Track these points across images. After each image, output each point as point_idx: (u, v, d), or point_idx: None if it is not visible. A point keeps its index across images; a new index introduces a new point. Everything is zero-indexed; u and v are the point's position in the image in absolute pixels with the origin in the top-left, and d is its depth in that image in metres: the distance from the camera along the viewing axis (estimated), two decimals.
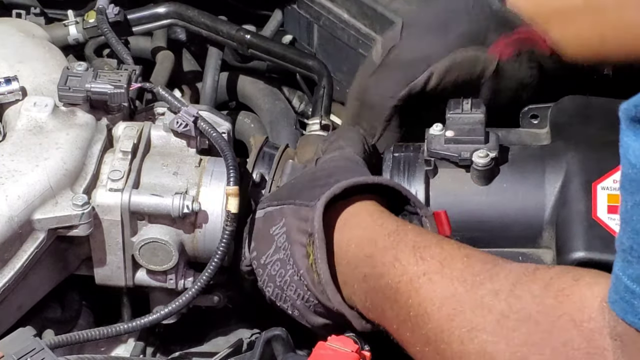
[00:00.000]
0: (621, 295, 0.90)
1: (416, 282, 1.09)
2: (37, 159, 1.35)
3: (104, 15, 1.61)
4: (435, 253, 1.11)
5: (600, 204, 1.23)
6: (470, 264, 1.07)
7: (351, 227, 1.20)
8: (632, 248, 0.88)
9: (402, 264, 1.12)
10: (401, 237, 1.15)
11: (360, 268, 1.17)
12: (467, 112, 1.34)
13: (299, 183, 1.31)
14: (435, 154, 1.33)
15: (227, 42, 1.71)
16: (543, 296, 0.98)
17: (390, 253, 1.14)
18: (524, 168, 1.32)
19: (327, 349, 1.18)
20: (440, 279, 1.07)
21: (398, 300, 1.11)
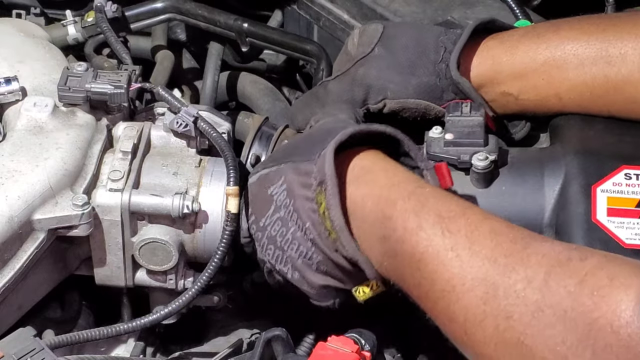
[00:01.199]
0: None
1: (443, 256, 1.08)
2: (37, 159, 1.35)
3: (102, 13, 1.60)
4: (461, 225, 1.09)
5: (599, 206, 1.23)
6: (499, 242, 1.06)
7: (366, 182, 1.18)
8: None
9: (427, 233, 1.10)
10: (422, 201, 1.13)
11: (378, 228, 1.16)
12: (466, 115, 1.35)
13: (294, 143, 1.30)
14: (435, 157, 1.33)
15: (225, 33, 1.71)
16: (578, 293, 0.98)
17: (413, 219, 1.12)
18: (524, 171, 1.31)
19: (327, 349, 1.18)
20: (469, 257, 1.06)
21: (422, 270, 1.10)
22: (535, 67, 1.35)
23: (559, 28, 1.36)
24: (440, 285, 1.08)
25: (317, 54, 1.65)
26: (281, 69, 1.92)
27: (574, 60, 1.33)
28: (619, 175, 1.25)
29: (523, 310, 1.00)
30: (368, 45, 1.42)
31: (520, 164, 1.33)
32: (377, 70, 1.41)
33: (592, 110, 1.34)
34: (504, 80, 1.37)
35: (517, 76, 1.37)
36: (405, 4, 1.71)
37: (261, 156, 1.42)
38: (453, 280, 1.06)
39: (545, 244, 1.05)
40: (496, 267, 1.04)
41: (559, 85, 1.34)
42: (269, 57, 1.92)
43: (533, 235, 1.08)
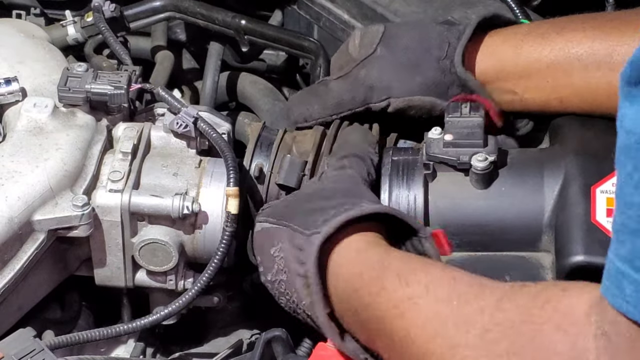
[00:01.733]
0: (612, 280, 0.88)
1: (401, 306, 1.08)
2: (37, 159, 1.35)
3: (100, 13, 1.60)
4: (420, 277, 1.09)
5: (599, 207, 1.23)
6: (456, 287, 1.05)
7: (339, 265, 1.19)
8: (624, 224, 0.87)
9: (387, 291, 1.10)
10: (386, 266, 1.14)
11: (350, 302, 1.16)
12: (466, 116, 1.34)
13: (296, 202, 1.29)
14: (434, 158, 1.33)
15: (224, 31, 1.71)
16: (529, 306, 0.97)
17: (376, 283, 1.12)
18: (523, 171, 1.31)
19: (327, 349, 1.19)
20: (425, 302, 1.06)
21: (384, 327, 1.09)
22: (540, 68, 1.35)
23: (562, 29, 1.36)
24: (399, 334, 1.07)
25: (315, 51, 1.64)
26: (281, 69, 1.92)
27: (578, 65, 1.33)
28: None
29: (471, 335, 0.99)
30: (370, 46, 1.42)
31: (519, 164, 1.33)
32: (379, 70, 1.41)
33: (594, 113, 1.34)
34: (508, 78, 1.38)
35: (522, 76, 1.37)
36: (406, 4, 1.70)
37: (263, 167, 1.42)
38: (409, 327, 1.06)
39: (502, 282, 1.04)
40: (450, 305, 1.03)
41: (562, 89, 1.35)
42: (269, 57, 1.92)
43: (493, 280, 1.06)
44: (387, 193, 1.35)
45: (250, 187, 1.40)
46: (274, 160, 1.41)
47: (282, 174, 1.39)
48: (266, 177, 1.41)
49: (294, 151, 1.42)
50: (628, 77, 0.85)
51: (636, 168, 0.84)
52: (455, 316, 1.01)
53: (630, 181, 0.85)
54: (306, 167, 1.39)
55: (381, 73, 1.41)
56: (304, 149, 1.42)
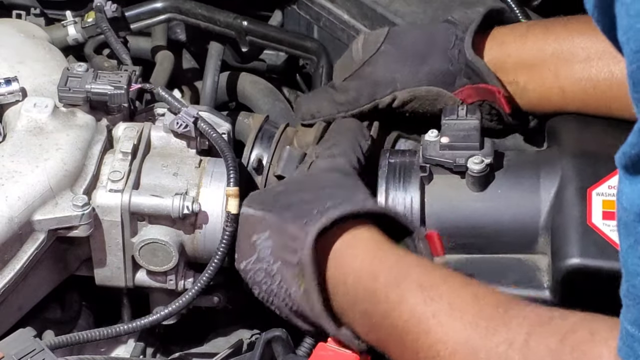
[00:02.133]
0: (624, 341, 0.90)
1: (425, 323, 1.07)
2: (37, 159, 1.35)
3: (102, 13, 1.60)
4: (443, 292, 1.09)
5: (595, 210, 1.23)
6: (481, 307, 1.05)
7: (347, 259, 1.18)
8: (629, 291, 0.88)
9: (408, 304, 1.09)
10: (404, 272, 1.13)
11: (360, 303, 1.15)
12: (462, 118, 1.34)
13: (286, 191, 1.28)
14: (431, 160, 1.33)
15: (225, 32, 1.71)
16: (560, 351, 0.97)
17: (394, 291, 1.12)
18: (519, 174, 1.31)
19: (327, 350, 1.19)
20: (452, 322, 1.05)
21: (405, 341, 1.09)
22: (544, 57, 1.35)
23: (568, 22, 1.37)
24: (424, 352, 1.07)
25: (317, 51, 1.65)
26: (281, 69, 1.92)
27: (581, 54, 1.33)
28: (614, 178, 1.25)
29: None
30: (374, 45, 1.43)
31: (516, 167, 1.33)
32: (384, 65, 1.41)
33: (594, 107, 1.34)
34: (512, 68, 1.38)
35: (525, 65, 1.37)
36: (406, 4, 1.71)
37: (262, 158, 1.42)
38: (436, 347, 1.06)
39: (527, 307, 1.05)
40: (478, 330, 1.03)
41: (564, 78, 1.35)
42: (269, 57, 1.92)
43: (515, 300, 1.07)
44: (383, 195, 1.35)
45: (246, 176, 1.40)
46: (274, 152, 1.41)
47: (280, 165, 1.39)
48: (265, 168, 1.41)
49: (295, 144, 1.42)
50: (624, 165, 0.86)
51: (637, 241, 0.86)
52: (487, 348, 1.01)
53: (634, 252, 0.87)
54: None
55: (386, 67, 1.41)
56: (305, 142, 1.42)
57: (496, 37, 1.40)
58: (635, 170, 0.85)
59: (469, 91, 1.39)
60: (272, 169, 1.41)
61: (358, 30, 1.73)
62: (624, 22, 0.83)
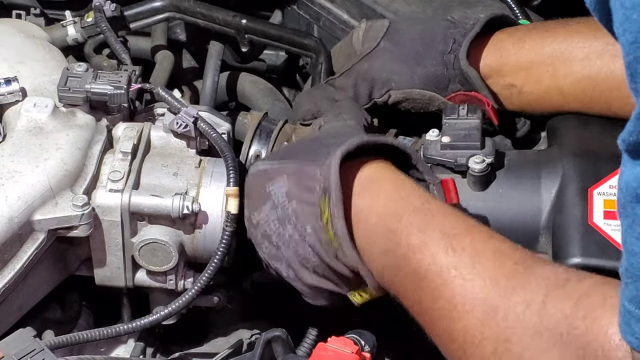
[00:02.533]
0: (622, 317, 0.91)
1: (446, 274, 1.07)
2: (37, 159, 1.35)
3: (101, 12, 1.60)
4: (466, 244, 1.08)
5: (596, 209, 1.23)
6: (502, 263, 1.05)
7: (371, 193, 1.17)
8: (627, 269, 0.89)
9: (430, 251, 1.09)
10: (428, 218, 1.12)
11: (380, 241, 1.15)
12: (463, 118, 1.35)
13: (299, 144, 1.29)
14: (432, 160, 1.33)
15: (224, 30, 1.71)
16: (573, 317, 0.97)
17: (417, 236, 1.11)
18: (520, 173, 1.31)
19: (327, 350, 1.19)
20: (472, 276, 1.05)
21: (423, 287, 1.09)
22: (542, 59, 1.35)
23: (567, 23, 1.37)
24: (441, 303, 1.07)
25: (316, 49, 1.64)
26: (281, 69, 1.92)
27: (579, 54, 1.33)
28: (615, 177, 1.25)
29: (521, 334, 1.00)
30: (374, 40, 1.43)
31: (517, 166, 1.33)
32: (381, 62, 1.41)
33: (593, 107, 1.34)
34: (509, 72, 1.38)
35: (523, 68, 1.37)
36: (405, 4, 1.71)
37: (261, 154, 1.42)
38: (454, 300, 1.06)
39: (546, 267, 1.05)
40: (497, 288, 1.03)
41: (563, 78, 1.34)
42: (269, 57, 1.92)
43: (536, 258, 1.07)
44: None
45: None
46: (272, 147, 1.41)
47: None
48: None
49: (293, 140, 1.42)
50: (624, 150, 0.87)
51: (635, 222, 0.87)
52: (505, 307, 1.02)
53: (632, 232, 0.88)
54: None
55: (383, 66, 1.41)
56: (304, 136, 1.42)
57: (495, 42, 1.40)
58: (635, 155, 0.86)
59: (461, 97, 1.39)
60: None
61: None
62: (620, 14, 0.83)
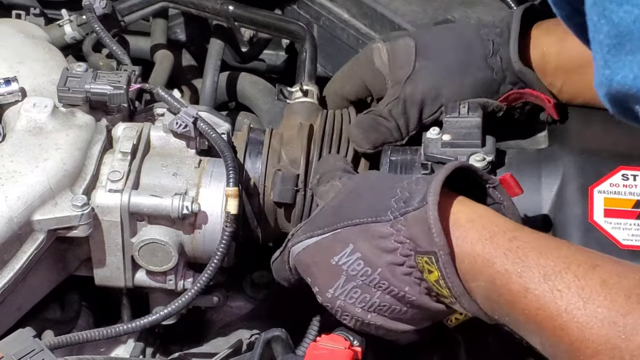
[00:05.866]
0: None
1: (559, 319, 1.03)
2: (36, 159, 1.35)
3: (92, 12, 1.59)
4: (569, 281, 1.04)
5: (596, 207, 1.23)
6: (612, 298, 1.01)
7: (456, 240, 1.12)
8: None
9: (535, 294, 1.05)
10: (521, 257, 1.07)
11: (480, 288, 1.11)
12: (464, 116, 1.34)
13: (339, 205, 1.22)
14: (432, 158, 1.33)
15: (215, 18, 1.71)
16: None
17: (515, 281, 1.07)
18: (521, 172, 1.31)
19: (320, 348, 1.19)
20: (587, 319, 1.02)
21: (541, 330, 1.06)
22: (581, 62, 1.33)
23: None
24: (564, 347, 1.03)
25: (301, 35, 1.63)
26: (281, 69, 1.92)
27: None
28: (616, 176, 1.25)
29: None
30: (407, 65, 1.39)
31: (517, 164, 1.33)
32: (424, 82, 1.38)
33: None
34: (551, 72, 1.37)
35: (563, 69, 1.36)
36: (406, 3, 1.71)
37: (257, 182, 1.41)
38: (576, 344, 1.02)
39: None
40: (616, 329, 1.00)
41: None
42: (269, 57, 1.92)
43: (634, 272, 1.03)
44: None
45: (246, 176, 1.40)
46: (265, 171, 1.41)
47: (275, 191, 1.39)
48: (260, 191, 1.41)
49: (284, 157, 1.41)
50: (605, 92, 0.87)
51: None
52: (631, 350, 0.99)
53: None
54: (299, 180, 1.39)
55: (428, 84, 1.38)
56: (293, 156, 1.41)
57: (535, 40, 1.37)
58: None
59: (515, 95, 1.38)
60: (266, 191, 1.41)
61: (358, 30, 1.73)
62: None
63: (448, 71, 1.38)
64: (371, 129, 1.39)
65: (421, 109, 1.38)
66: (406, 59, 1.39)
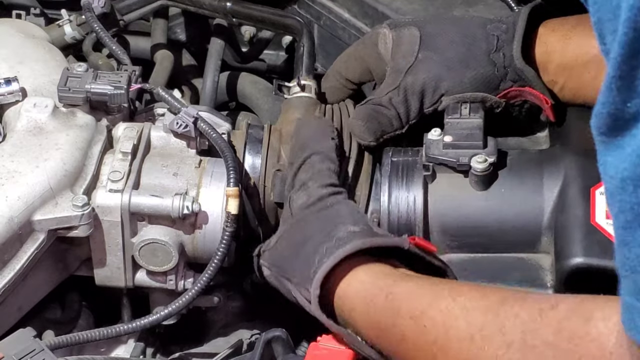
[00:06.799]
0: (625, 311, 0.90)
1: (429, 350, 1.10)
2: (37, 159, 1.35)
3: (91, 12, 1.59)
4: (435, 317, 1.10)
5: (598, 209, 1.23)
6: (472, 320, 1.06)
7: (344, 311, 1.21)
8: (622, 262, 0.88)
9: (410, 338, 1.12)
10: (396, 309, 1.15)
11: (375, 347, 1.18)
12: (465, 117, 1.34)
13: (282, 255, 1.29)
14: (434, 159, 1.33)
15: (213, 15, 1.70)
16: (557, 342, 0.97)
17: (395, 332, 1.14)
18: (523, 173, 1.31)
19: (320, 349, 1.19)
20: (449, 342, 1.07)
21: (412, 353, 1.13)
22: (586, 60, 1.33)
23: None
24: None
25: (298, 29, 1.62)
26: (281, 69, 1.92)
27: None
28: None
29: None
30: (411, 54, 1.40)
31: (519, 166, 1.33)
32: (426, 73, 1.38)
33: None
34: (553, 70, 1.37)
35: (566, 67, 1.36)
36: (407, 2, 1.70)
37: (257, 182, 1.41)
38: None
39: (515, 305, 1.04)
40: (474, 343, 1.05)
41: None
42: (269, 57, 1.92)
43: (504, 298, 1.06)
44: (386, 194, 1.35)
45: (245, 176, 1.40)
46: (265, 172, 1.41)
47: (276, 192, 1.39)
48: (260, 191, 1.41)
49: (283, 156, 1.41)
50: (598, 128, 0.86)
51: (620, 211, 0.86)
52: (484, 356, 1.03)
53: (618, 222, 0.87)
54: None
55: (430, 75, 1.38)
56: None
57: (540, 38, 1.37)
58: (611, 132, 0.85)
59: (515, 93, 1.38)
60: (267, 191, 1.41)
61: (359, 29, 1.73)
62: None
63: (450, 64, 1.38)
64: (372, 118, 1.39)
65: (422, 98, 1.38)
66: (410, 48, 1.40)
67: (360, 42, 1.49)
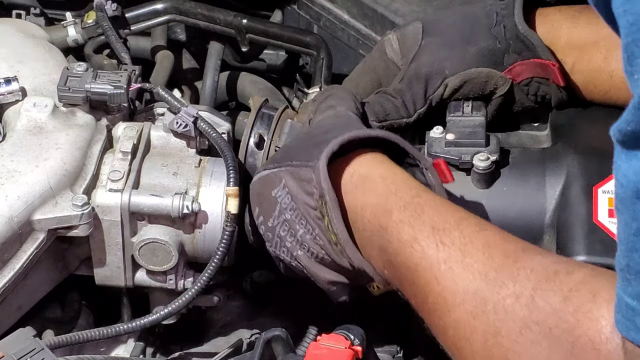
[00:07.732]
0: (623, 314, 0.90)
1: (436, 269, 1.07)
2: (37, 159, 1.35)
3: (103, 12, 1.60)
4: (455, 238, 1.08)
5: (601, 207, 1.23)
6: (491, 256, 1.05)
7: (364, 191, 1.18)
8: (629, 266, 0.88)
9: (420, 245, 1.10)
10: (418, 212, 1.13)
11: (376, 238, 1.16)
12: (467, 115, 1.34)
13: (293, 144, 1.29)
14: (436, 157, 1.33)
15: (225, 31, 1.71)
16: (563, 311, 0.97)
17: (407, 231, 1.12)
18: (525, 171, 1.31)
19: (320, 348, 1.18)
20: (462, 270, 1.06)
21: (416, 282, 1.10)
22: (596, 39, 1.32)
23: None
24: (433, 297, 1.07)
25: (316, 46, 1.64)
26: (281, 69, 1.92)
27: None
28: None
29: (511, 327, 1.00)
30: (415, 44, 1.40)
31: (521, 164, 1.32)
32: (428, 56, 1.38)
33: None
34: (561, 48, 1.35)
35: (576, 46, 1.34)
36: (406, 3, 1.71)
37: (264, 134, 1.41)
38: (444, 293, 1.06)
39: (535, 258, 1.04)
40: (487, 281, 1.04)
41: (615, 62, 1.30)
42: (269, 57, 1.92)
43: (526, 248, 1.07)
44: None
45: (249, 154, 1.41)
46: (275, 127, 1.41)
47: (282, 138, 1.39)
48: (266, 144, 1.40)
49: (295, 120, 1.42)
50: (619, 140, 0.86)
51: (633, 218, 0.86)
52: (495, 300, 1.02)
53: (629, 229, 0.87)
54: None
55: (432, 57, 1.38)
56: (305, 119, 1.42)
57: (545, 16, 1.37)
58: (631, 146, 0.85)
59: (519, 68, 1.37)
60: (273, 143, 1.41)
61: (358, 30, 1.73)
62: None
63: (452, 43, 1.38)
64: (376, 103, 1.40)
65: (426, 84, 1.38)
66: (414, 40, 1.41)
67: (368, 57, 1.50)
